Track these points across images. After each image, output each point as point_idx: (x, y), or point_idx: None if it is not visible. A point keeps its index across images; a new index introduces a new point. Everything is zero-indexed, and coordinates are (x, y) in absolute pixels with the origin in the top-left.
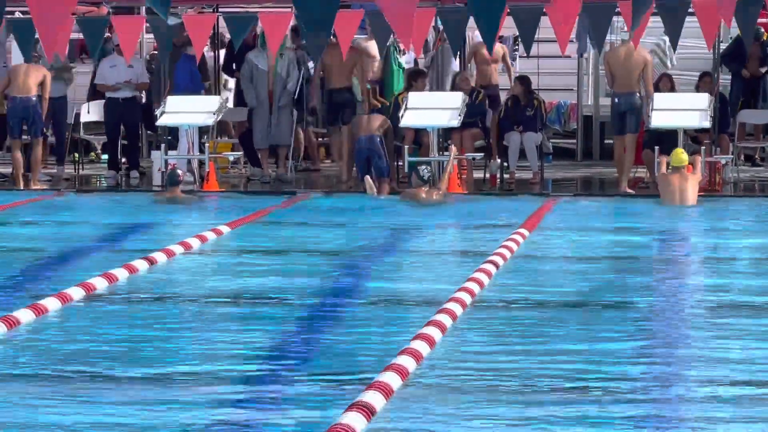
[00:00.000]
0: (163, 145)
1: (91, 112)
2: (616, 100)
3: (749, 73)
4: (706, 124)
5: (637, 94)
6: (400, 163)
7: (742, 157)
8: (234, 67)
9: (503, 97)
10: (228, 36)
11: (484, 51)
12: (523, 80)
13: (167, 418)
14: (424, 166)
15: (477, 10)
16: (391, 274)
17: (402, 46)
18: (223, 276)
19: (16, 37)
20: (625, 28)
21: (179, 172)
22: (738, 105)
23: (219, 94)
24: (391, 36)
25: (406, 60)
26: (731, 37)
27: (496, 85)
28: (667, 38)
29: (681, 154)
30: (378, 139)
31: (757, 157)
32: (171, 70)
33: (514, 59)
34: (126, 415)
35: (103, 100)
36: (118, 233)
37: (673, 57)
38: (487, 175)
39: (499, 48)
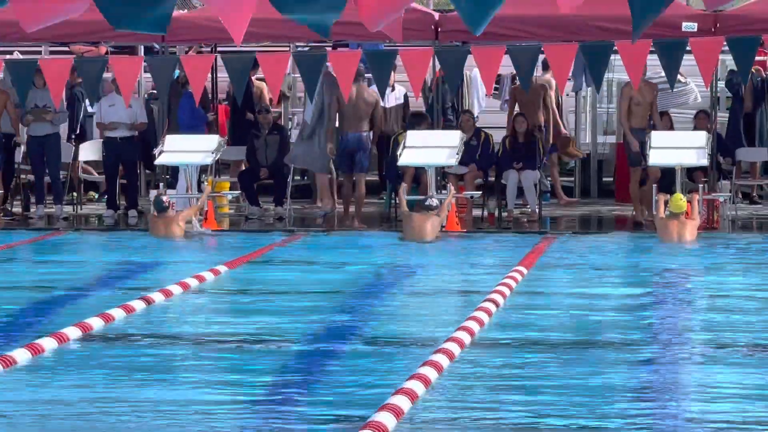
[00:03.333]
0: (161, 184)
1: (90, 152)
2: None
3: (745, 108)
4: (704, 162)
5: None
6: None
7: (740, 195)
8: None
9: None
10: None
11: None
12: (526, 117)
13: None
14: (431, 196)
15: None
16: (388, 314)
17: None
18: (220, 316)
19: (13, 78)
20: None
21: (164, 198)
22: (736, 141)
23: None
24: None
25: (396, 97)
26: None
27: (541, 125)
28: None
29: (679, 200)
30: (365, 136)
31: (754, 194)
32: (172, 109)
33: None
34: None
35: (102, 139)
36: (115, 272)
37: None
38: (485, 214)
39: (539, 87)
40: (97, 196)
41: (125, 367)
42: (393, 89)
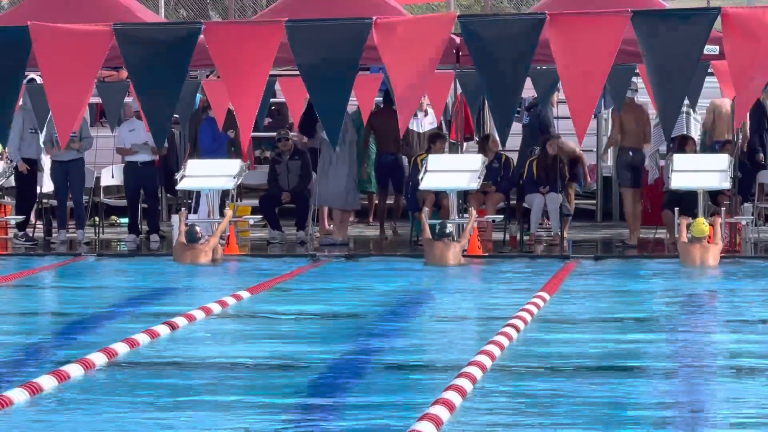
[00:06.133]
0: (183, 209)
1: (111, 176)
2: (631, 153)
3: None
4: (726, 185)
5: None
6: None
7: (763, 217)
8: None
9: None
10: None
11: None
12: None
13: None
14: (447, 223)
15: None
16: (411, 339)
17: None
18: (243, 341)
19: (33, 103)
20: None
21: (197, 229)
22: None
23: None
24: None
25: (429, 122)
26: None
27: (573, 150)
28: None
29: (702, 225)
30: (399, 159)
31: None
32: (193, 133)
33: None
34: None
35: (123, 164)
36: (138, 298)
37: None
38: (507, 237)
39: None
40: (119, 221)
41: (150, 392)
42: (426, 114)
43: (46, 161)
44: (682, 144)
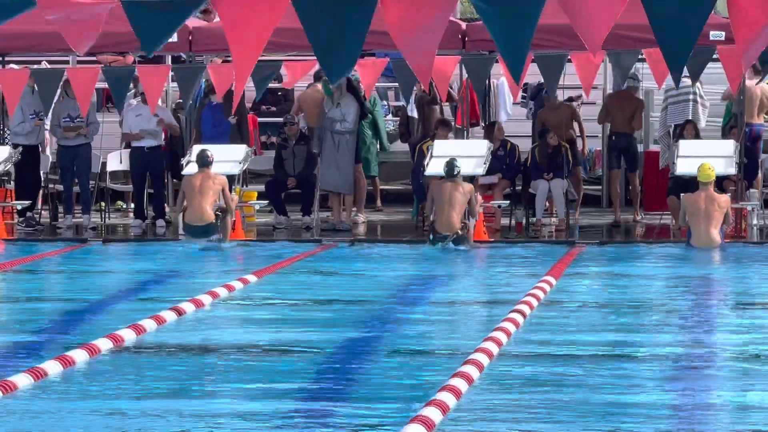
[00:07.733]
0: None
1: (117, 162)
2: (613, 138)
3: None
4: (732, 170)
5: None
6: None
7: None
8: None
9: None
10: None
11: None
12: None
13: None
14: (455, 162)
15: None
16: (417, 324)
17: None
18: (249, 326)
19: (39, 87)
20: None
21: (209, 153)
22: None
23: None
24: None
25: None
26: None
27: (570, 135)
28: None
29: (708, 170)
30: None
31: None
32: (198, 119)
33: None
34: None
35: (129, 150)
36: (145, 283)
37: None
38: (513, 223)
39: (566, 108)
40: (125, 206)
41: (156, 377)
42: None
43: (49, 144)
44: (682, 129)
